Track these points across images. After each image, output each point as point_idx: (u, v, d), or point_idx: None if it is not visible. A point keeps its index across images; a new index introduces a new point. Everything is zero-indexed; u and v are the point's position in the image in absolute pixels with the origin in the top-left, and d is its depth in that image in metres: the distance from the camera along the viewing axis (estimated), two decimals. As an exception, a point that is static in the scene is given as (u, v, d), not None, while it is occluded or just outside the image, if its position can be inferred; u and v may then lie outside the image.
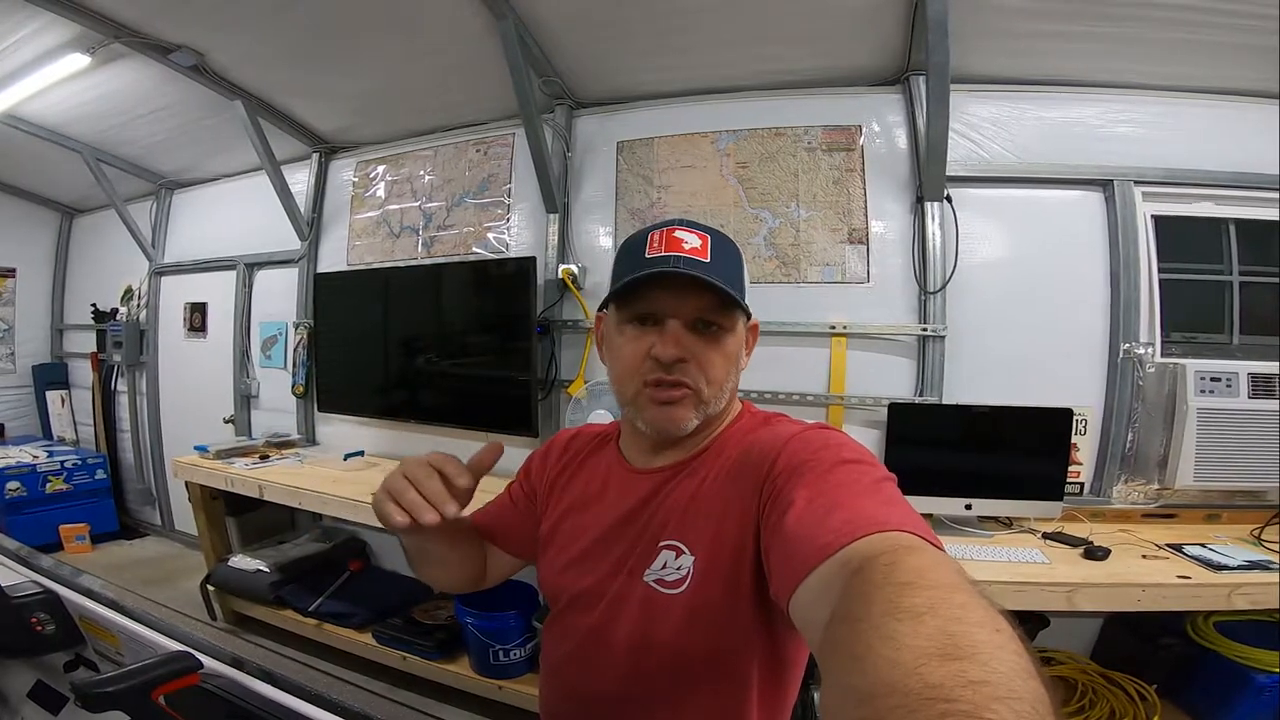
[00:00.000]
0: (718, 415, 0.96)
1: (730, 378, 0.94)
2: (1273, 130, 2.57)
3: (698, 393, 0.90)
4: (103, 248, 5.35)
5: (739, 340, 0.94)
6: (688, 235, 0.91)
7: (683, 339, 0.89)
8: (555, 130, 3.27)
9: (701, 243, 0.90)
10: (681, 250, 0.89)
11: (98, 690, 0.78)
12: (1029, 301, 2.72)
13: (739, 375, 0.97)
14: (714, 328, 0.90)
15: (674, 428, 0.92)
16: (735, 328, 0.93)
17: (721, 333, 0.91)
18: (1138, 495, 2.65)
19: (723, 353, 0.91)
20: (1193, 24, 2.35)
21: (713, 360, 0.91)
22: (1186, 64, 2.56)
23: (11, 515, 4.39)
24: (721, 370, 0.92)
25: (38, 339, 5.69)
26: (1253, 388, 2.44)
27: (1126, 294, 2.64)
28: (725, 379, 0.93)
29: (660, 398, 0.90)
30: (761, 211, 2.97)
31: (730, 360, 0.93)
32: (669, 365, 0.89)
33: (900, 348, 2.81)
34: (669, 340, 0.89)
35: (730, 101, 3.06)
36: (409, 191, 3.77)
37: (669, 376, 0.89)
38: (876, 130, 2.89)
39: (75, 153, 4.21)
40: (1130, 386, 2.63)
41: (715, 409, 0.93)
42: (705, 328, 0.90)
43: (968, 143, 2.77)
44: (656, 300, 0.90)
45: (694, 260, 0.88)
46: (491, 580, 1.20)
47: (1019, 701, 0.35)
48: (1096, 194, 2.71)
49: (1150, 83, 2.66)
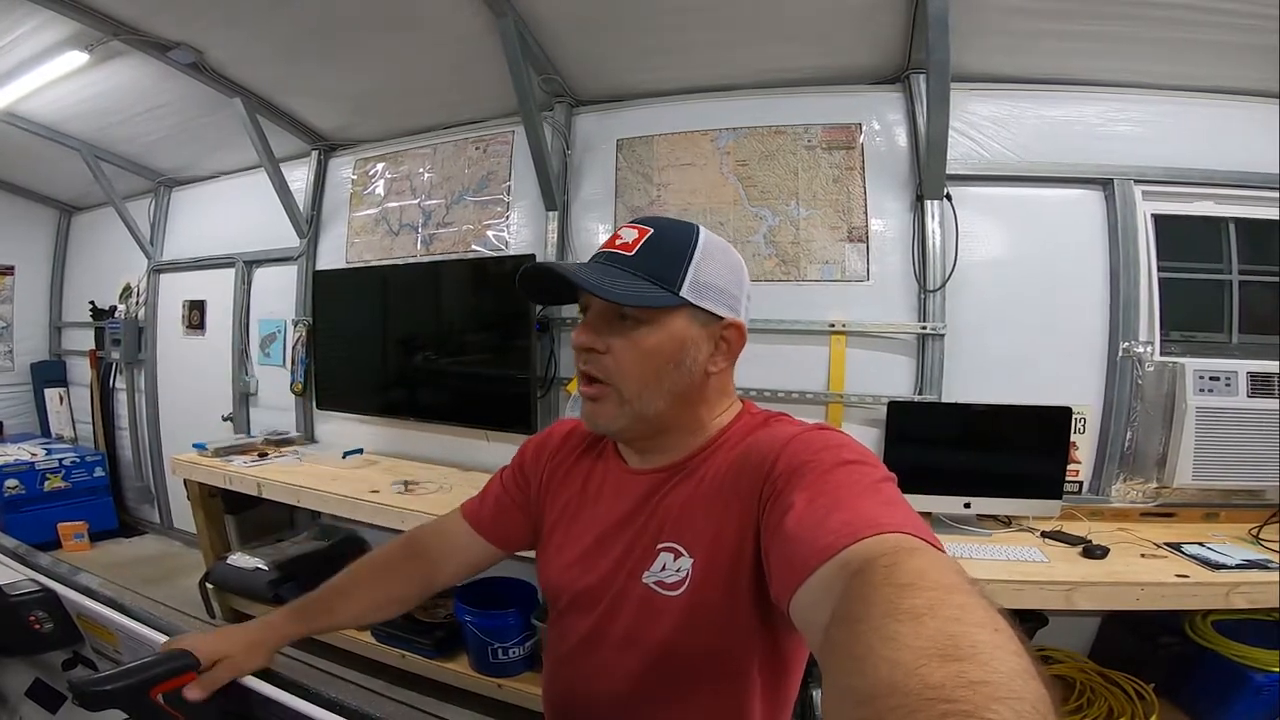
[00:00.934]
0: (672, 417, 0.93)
1: (661, 378, 0.89)
2: (1273, 129, 2.57)
3: (618, 390, 0.89)
4: (101, 245, 5.34)
5: (673, 339, 0.89)
6: (627, 231, 0.92)
7: (595, 330, 0.90)
8: (555, 128, 3.26)
9: (637, 237, 0.90)
10: (614, 246, 0.91)
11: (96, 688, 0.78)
12: (1028, 300, 2.72)
13: (691, 378, 0.91)
14: (630, 321, 0.89)
15: (594, 424, 0.93)
16: (664, 324, 0.88)
17: (639, 327, 0.88)
18: (1136, 494, 2.65)
19: (638, 347, 0.88)
20: (1193, 23, 2.35)
21: (627, 354, 0.88)
22: (1187, 63, 2.56)
23: (10, 513, 4.38)
24: (638, 366, 0.88)
25: (36, 337, 5.68)
26: (1252, 387, 2.44)
27: (1126, 292, 2.64)
28: (651, 376, 0.89)
29: (583, 392, 0.92)
30: (761, 209, 2.97)
31: (655, 358, 0.88)
32: (585, 354, 0.91)
33: (900, 346, 2.81)
34: (579, 330, 0.92)
35: (730, 99, 3.06)
36: (408, 189, 3.77)
37: (584, 369, 0.92)
38: (876, 128, 2.88)
39: (74, 150, 4.20)
40: (1129, 385, 2.63)
41: (646, 409, 0.90)
42: (622, 320, 0.89)
43: (968, 141, 2.77)
44: (582, 294, 0.92)
45: (616, 255, 0.89)
46: (450, 581, 1.19)
47: (1019, 702, 0.35)
48: (1096, 192, 2.71)
49: (1151, 82, 2.66)
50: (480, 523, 1.15)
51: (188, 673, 0.84)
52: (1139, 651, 2.38)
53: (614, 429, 0.93)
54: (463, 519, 1.17)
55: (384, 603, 1.15)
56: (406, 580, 1.16)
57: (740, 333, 0.94)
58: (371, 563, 1.18)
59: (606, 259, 0.90)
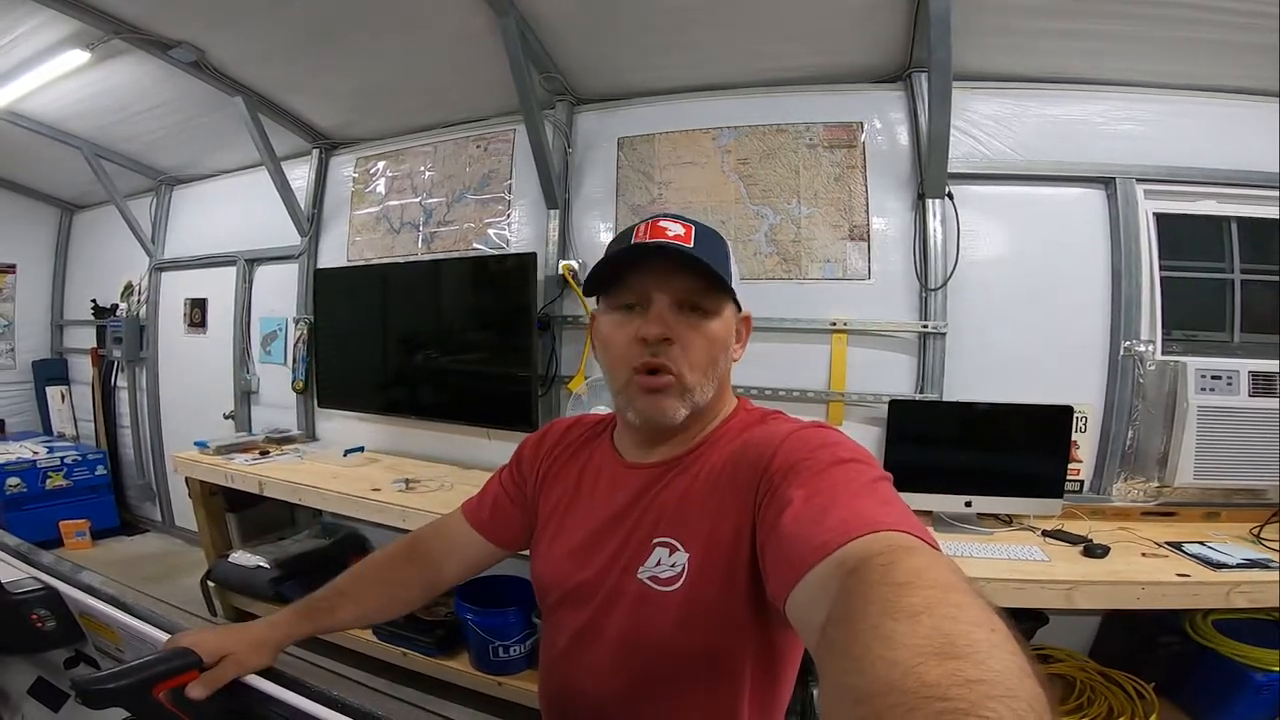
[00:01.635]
0: (708, 408, 0.95)
1: (717, 366, 0.92)
2: (1275, 128, 2.57)
3: (680, 379, 0.89)
4: (103, 244, 5.34)
5: (727, 327, 0.93)
6: (671, 225, 0.91)
7: (668, 317, 0.89)
8: (556, 126, 3.26)
9: (685, 231, 0.90)
10: (666, 237, 0.89)
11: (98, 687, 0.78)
12: (1030, 299, 2.72)
13: (728, 366, 0.95)
14: (699, 311, 0.90)
15: (662, 418, 0.91)
16: (722, 313, 0.92)
17: (708, 316, 0.90)
18: (1137, 493, 2.65)
19: (707, 336, 0.90)
20: (1196, 22, 2.34)
21: (696, 343, 0.90)
22: (1189, 62, 2.55)
23: (11, 511, 4.38)
24: (705, 355, 0.90)
25: (38, 335, 5.69)
26: (1253, 386, 2.44)
27: (1128, 291, 2.63)
28: (710, 366, 0.91)
29: (647, 385, 0.90)
30: (762, 208, 2.97)
31: (716, 346, 0.91)
32: (655, 345, 0.88)
33: (901, 345, 2.81)
34: (654, 318, 0.89)
35: (731, 98, 3.06)
36: (409, 187, 3.77)
37: (654, 360, 0.89)
38: (878, 127, 2.88)
39: (75, 149, 4.20)
40: (1131, 384, 2.63)
41: (702, 399, 0.92)
42: (691, 310, 0.90)
43: (969, 140, 2.76)
44: (642, 285, 0.90)
45: (679, 247, 0.88)
46: (453, 581, 1.19)
47: (1015, 700, 0.35)
48: (1098, 191, 2.71)
49: (1153, 80, 2.66)
50: (480, 522, 1.16)
51: (190, 671, 0.85)
52: (1139, 650, 2.38)
53: (676, 421, 0.92)
54: (463, 519, 1.18)
55: (388, 603, 1.15)
56: (409, 581, 1.16)
57: (749, 323, 1.00)
58: (375, 563, 1.18)
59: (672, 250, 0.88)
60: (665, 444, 0.97)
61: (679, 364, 0.89)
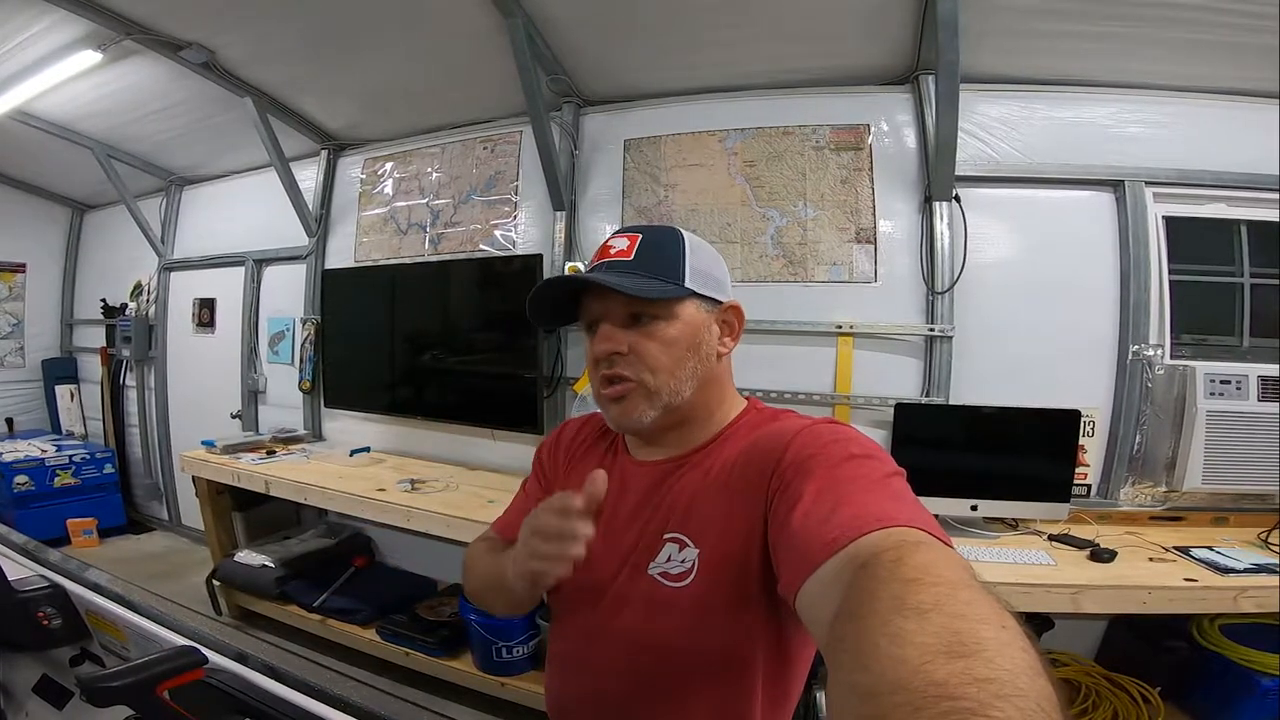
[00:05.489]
0: (700, 404, 0.96)
1: (685, 365, 0.93)
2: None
3: (642, 384, 0.92)
4: (112, 243, 5.37)
5: (688, 326, 0.94)
6: (618, 240, 0.96)
7: (614, 335, 0.93)
8: (563, 128, 3.27)
9: (629, 244, 0.94)
10: (609, 256, 0.95)
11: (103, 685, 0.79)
12: (1037, 302, 2.70)
13: (710, 360, 0.96)
14: (646, 318, 0.92)
15: (627, 421, 0.94)
16: (679, 315, 0.93)
17: (656, 321, 0.92)
18: (1145, 497, 2.63)
19: (660, 340, 0.92)
20: (1205, 24, 2.33)
21: (649, 349, 0.92)
22: (1198, 64, 2.53)
23: (19, 509, 4.42)
24: (664, 357, 0.92)
25: (47, 334, 5.72)
26: (1262, 390, 2.42)
27: (1136, 295, 2.62)
28: (676, 364, 0.93)
29: (609, 394, 0.94)
30: (769, 210, 2.96)
31: (677, 347, 0.93)
32: (607, 360, 0.93)
33: (907, 348, 2.80)
34: (599, 339, 0.94)
35: (738, 100, 3.05)
36: (416, 188, 3.78)
37: (609, 371, 0.93)
38: (885, 129, 2.87)
39: (86, 149, 4.23)
40: (1139, 388, 2.61)
41: (673, 398, 0.93)
42: (638, 321, 0.93)
43: (977, 142, 2.75)
44: (590, 308, 0.96)
45: (616, 263, 0.93)
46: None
47: (1024, 699, 0.35)
48: (1107, 194, 2.69)
49: (1162, 83, 2.64)
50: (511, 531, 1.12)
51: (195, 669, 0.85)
52: (1145, 655, 2.37)
53: (645, 423, 0.93)
54: (498, 536, 1.13)
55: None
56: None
57: (739, 313, 1.00)
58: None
59: (608, 267, 0.93)
60: (678, 441, 0.98)
61: (636, 370, 0.92)
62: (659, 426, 0.96)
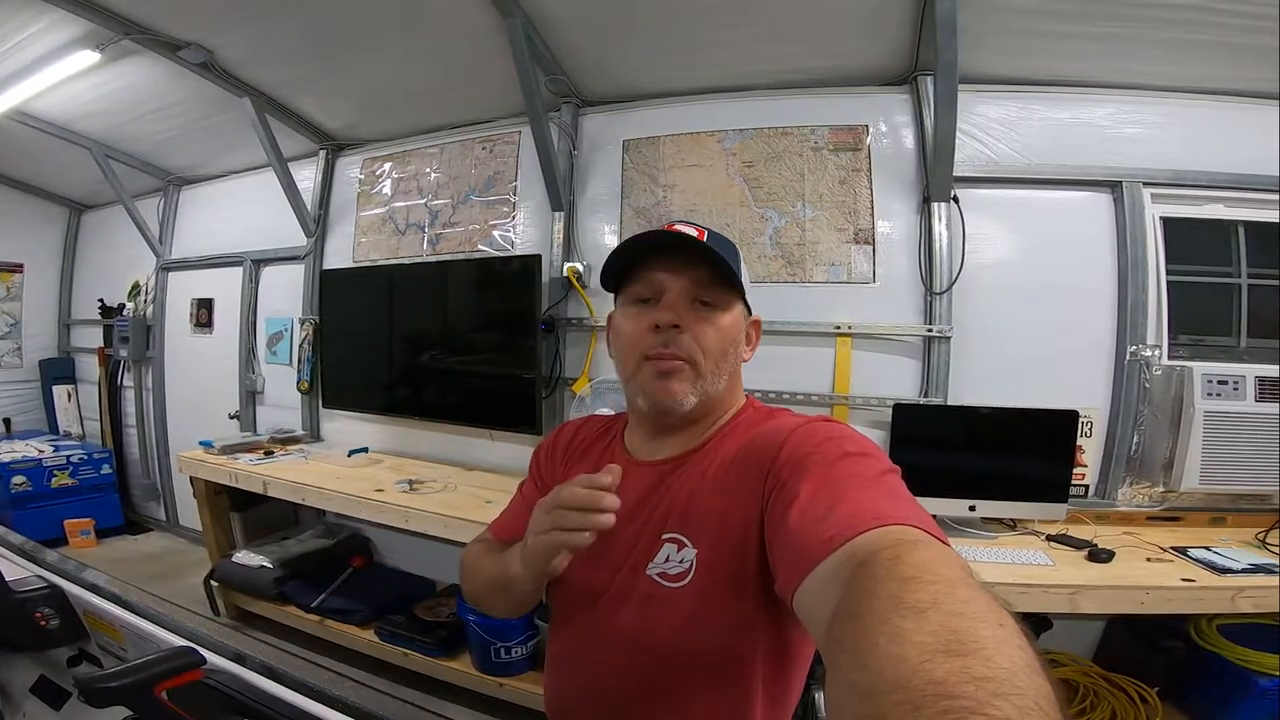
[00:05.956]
0: (717, 401, 0.97)
1: (728, 358, 0.95)
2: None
3: (694, 365, 0.92)
4: (110, 243, 5.37)
5: (736, 323, 0.96)
6: (684, 227, 0.94)
7: (680, 307, 0.92)
8: (561, 128, 3.27)
9: (699, 233, 0.94)
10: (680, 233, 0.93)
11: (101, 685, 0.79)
12: (1035, 303, 2.71)
13: (738, 363, 0.98)
14: (708, 305, 0.93)
15: (670, 400, 0.92)
16: (732, 308, 0.95)
17: (717, 310, 0.94)
18: (1143, 498, 2.64)
19: (718, 327, 0.93)
20: (1203, 25, 2.33)
21: (707, 332, 0.92)
22: (1196, 65, 2.54)
23: (17, 509, 4.40)
24: (717, 344, 0.93)
25: (45, 334, 5.71)
26: (1260, 391, 2.43)
27: (1134, 296, 2.62)
28: (722, 356, 0.94)
29: (658, 369, 0.92)
30: (767, 211, 2.97)
31: (727, 338, 0.94)
32: (666, 333, 0.91)
33: (905, 348, 2.80)
34: (665, 306, 0.92)
35: (737, 100, 3.06)
36: (415, 189, 3.78)
37: (666, 349, 0.92)
38: (883, 130, 2.88)
39: (84, 149, 4.23)
40: (1137, 389, 2.61)
41: (714, 388, 0.94)
42: (702, 305, 0.93)
43: (975, 143, 2.75)
44: (656, 277, 0.94)
45: (687, 238, 0.92)
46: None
47: (1022, 697, 0.35)
48: (1105, 195, 2.70)
49: (1160, 84, 2.64)
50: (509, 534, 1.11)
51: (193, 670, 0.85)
52: (1143, 655, 2.37)
53: (685, 406, 0.93)
54: (495, 538, 1.13)
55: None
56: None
57: (759, 328, 1.05)
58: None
59: (683, 241, 0.92)
60: (674, 438, 0.98)
61: (690, 351, 0.92)
62: (680, 421, 0.96)
